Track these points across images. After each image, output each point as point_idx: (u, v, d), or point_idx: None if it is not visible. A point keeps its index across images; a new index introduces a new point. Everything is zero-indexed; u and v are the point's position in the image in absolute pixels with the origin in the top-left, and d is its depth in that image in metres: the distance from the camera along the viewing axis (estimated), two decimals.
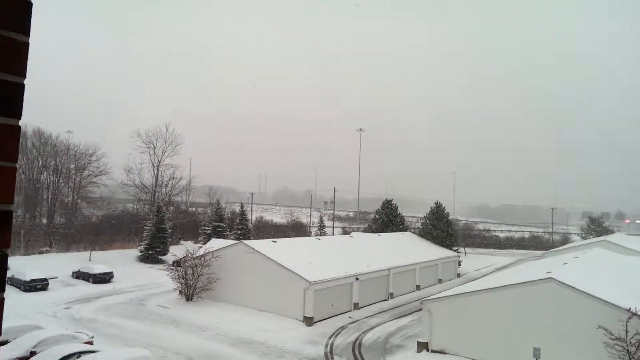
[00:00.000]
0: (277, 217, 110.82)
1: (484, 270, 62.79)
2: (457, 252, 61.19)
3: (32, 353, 20.62)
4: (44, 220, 69.82)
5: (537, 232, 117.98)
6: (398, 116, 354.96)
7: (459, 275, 57.94)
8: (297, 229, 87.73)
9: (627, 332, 18.01)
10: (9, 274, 41.72)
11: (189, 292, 36.85)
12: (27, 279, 39.33)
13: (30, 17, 1.24)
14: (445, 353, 24.86)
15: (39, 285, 39.71)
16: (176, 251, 46.81)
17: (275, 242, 39.85)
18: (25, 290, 38.68)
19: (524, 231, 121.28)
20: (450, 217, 66.55)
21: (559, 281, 21.60)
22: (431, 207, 64.42)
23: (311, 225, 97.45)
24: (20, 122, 1.28)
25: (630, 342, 17.86)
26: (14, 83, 1.23)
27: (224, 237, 61.07)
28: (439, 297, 26.18)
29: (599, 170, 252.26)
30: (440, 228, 61.06)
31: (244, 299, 35.08)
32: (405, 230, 66.09)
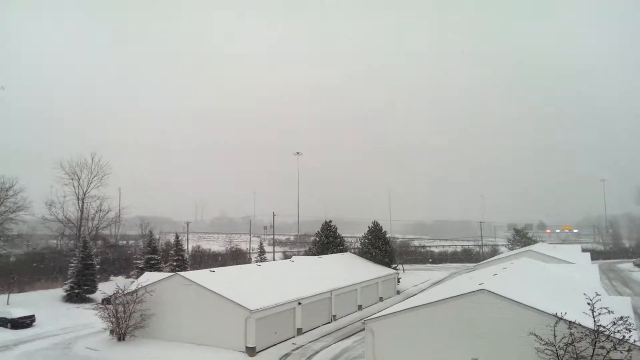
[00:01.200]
0: (215, 245, 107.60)
1: (421, 286, 64.62)
2: (396, 270, 62.54)
3: None
4: None
5: (469, 245, 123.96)
6: (332, 138, 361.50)
7: (398, 292, 59.11)
8: (236, 257, 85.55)
9: (554, 336, 19.08)
10: None
11: (121, 331, 34.42)
12: None
13: None
14: None
15: None
16: (106, 288, 43.68)
17: (213, 271, 38.49)
18: None
19: (456, 245, 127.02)
20: (387, 236, 68.09)
21: (491, 292, 22.60)
22: (369, 227, 65.63)
23: (251, 251, 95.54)
24: None
25: (559, 346, 18.91)
26: None
27: (159, 269, 58.14)
28: (379, 316, 26.40)
29: (521, 183, 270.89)
30: (378, 247, 62.22)
31: (182, 334, 33.33)
32: (346, 251, 66.68)
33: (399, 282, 61.94)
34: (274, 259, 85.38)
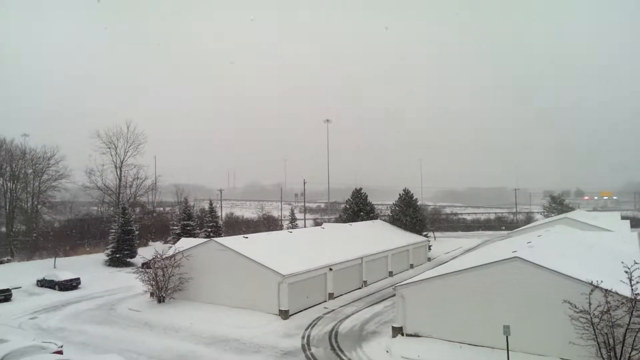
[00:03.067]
0: (248, 212, 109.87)
1: (453, 253, 64.38)
2: (427, 237, 62.39)
3: None
4: (3, 229, 66.70)
5: (502, 213, 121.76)
6: (366, 107, 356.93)
7: (429, 260, 59.16)
8: (268, 224, 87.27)
9: (590, 304, 18.78)
10: None
11: (161, 293, 36.10)
12: None
13: None
14: (419, 336, 25.34)
15: (1, 297, 38.04)
16: (145, 253, 45.69)
17: (246, 237, 39.47)
18: None
19: (489, 213, 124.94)
20: (418, 203, 67.66)
21: (524, 259, 22.29)
22: (400, 194, 65.29)
23: (282, 218, 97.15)
24: None
25: (594, 314, 18.65)
26: None
27: (194, 235, 60.08)
28: (410, 282, 26.59)
29: (559, 150, 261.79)
30: (409, 214, 62.02)
31: (218, 297, 34.66)
32: (376, 219, 66.81)
33: (430, 249, 61.89)
34: (305, 226, 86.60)
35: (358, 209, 65.92)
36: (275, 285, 31.75)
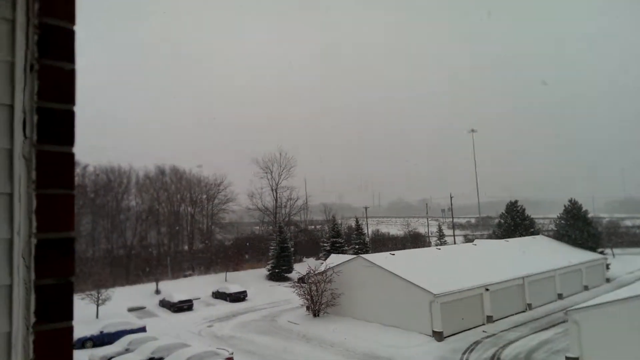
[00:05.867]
0: (394, 229, 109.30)
1: (638, 273, 54.37)
2: (603, 254, 53.98)
3: None
4: (186, 247, 77.94)
5: None
6: (509, 114, 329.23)
7: (608, 281, 50.91)
8: (415, 240, 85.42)
9: None
10: (160, 297, 47.12)
11: (315, 307, 37.79)
12: (175, 300, 43.88)
13: (74, 45, 1.27)
14: None
15: (185, 306, 44.04)
16: (299, 268, 48.54)
17: (393, 254, 39.14)
18: (174, 311, 43.17)
19: None
20: (589, 215, 59.15)
21: None
22: (565, 206, 57.93)
23: (430, 235, 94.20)
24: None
25: None
26: (66, 110, 1.26)
27: (343, 252, 61.81)
28: (585, 306, 23.14)
29: None
30: (578, 228, 54.51)
31: (368, 313, 34.84)
32: (537, 234, 60.30)
33: (608, 268, 53.35)
34: (454, 243, 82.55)
35: (514, 223, 60.42)
36: (427, 305, 30.63)
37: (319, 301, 37.59)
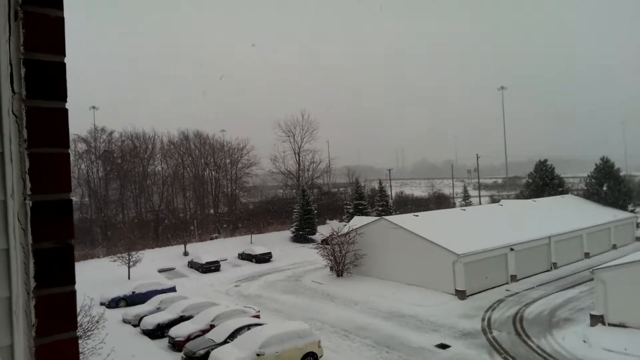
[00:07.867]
0: (417, 190, 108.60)
1: None
2: (634, 213, 52.61)
3: (212, 326, 23.72)
4: (212, 211, 79.58)
5: None
6: (540, 71, 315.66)
7: (638, 239, 49.85)
8: (439, 202, 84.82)
9: None
10: (188, 259, 48.66)
11: (339, 268, 38.42)
12: (203, 262, 45.25)
13: None
14: (626, 327, 21.61)
15: (212, 267, 45.41)
16: (323, 230, 49.07)
17: (417, 215, 39.07)
18: (202, 272, 44.60)
19: None
20: (622, 173, 57.30)
21: None
22: (596, 164, 56.16)
23: (454, 196, 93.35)
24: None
25: None
26: (56, 62, 1.16)
27: (366, 214, 62.07)
28: (612, 265, 22.77)
29: None
30: (609, 186, 53.01)
31: (391, 273, 35.23)
32: (566, 193, 58.98)
33: (638, 227, 52.11)
34: (479, 203, 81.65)
35: (543, 183, 59.10)
36: (450, 265, 30.73)
37: (342, 262, 38.15)
